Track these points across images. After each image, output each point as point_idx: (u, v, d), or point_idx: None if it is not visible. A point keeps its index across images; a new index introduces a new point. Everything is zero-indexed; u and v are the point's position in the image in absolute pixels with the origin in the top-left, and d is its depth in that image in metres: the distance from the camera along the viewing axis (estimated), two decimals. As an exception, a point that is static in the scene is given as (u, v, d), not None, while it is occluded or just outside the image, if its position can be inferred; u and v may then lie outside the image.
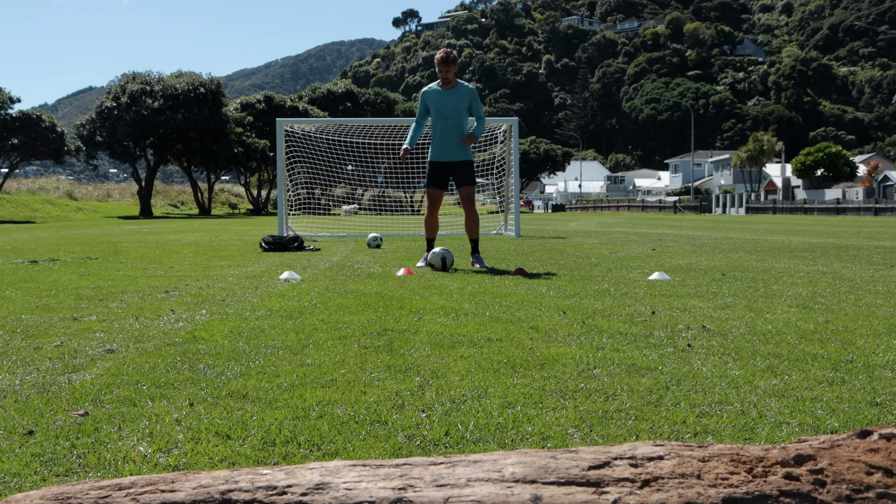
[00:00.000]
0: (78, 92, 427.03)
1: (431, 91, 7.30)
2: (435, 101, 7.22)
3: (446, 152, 7.23)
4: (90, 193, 53.50)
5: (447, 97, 7.19)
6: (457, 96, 7.18)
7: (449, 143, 7.21)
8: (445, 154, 7.23)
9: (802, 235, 14.52)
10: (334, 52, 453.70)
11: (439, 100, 7.20)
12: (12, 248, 11.12)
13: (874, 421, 2.21)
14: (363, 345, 3.34)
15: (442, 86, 7.25)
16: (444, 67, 7.11)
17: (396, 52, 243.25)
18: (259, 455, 1.94)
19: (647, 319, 4.00)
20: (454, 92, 7.20)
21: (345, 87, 63.04)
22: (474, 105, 7.24)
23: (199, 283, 5.90)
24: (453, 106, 7.15)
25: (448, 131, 7.18)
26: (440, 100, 7.20)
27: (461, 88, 7.21)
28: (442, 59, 7.11)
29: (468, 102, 7.19)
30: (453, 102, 7.16)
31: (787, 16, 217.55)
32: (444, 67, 7.11)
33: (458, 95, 7.18)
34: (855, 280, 6.00)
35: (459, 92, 7.20)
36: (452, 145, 7.21)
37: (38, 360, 3.08)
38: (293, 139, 16.74)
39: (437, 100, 7.21)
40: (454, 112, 7.15)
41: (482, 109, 7.32)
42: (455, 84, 7.23)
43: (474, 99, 7.23)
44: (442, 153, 7.24)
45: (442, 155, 7.24)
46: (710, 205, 56.91)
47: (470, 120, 7.39)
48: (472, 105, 7.23)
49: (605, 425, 2.17)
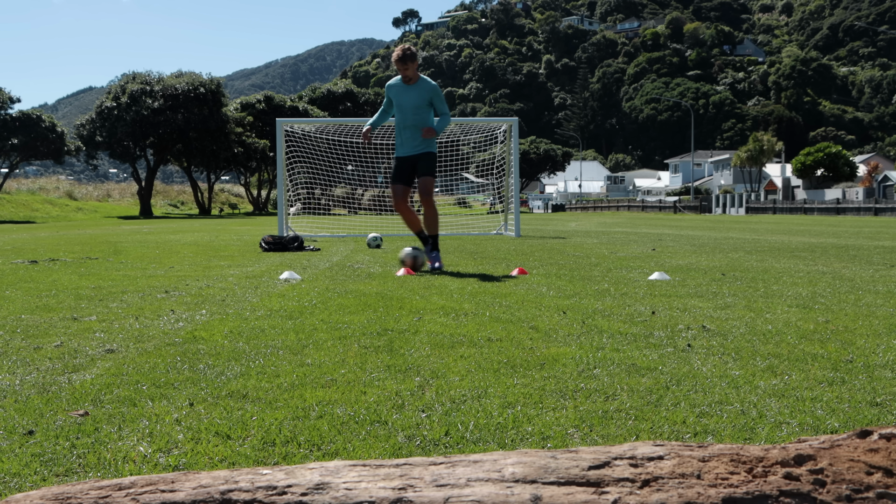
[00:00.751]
0: (78, 92, 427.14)
1: (394, 85, 7.24)
2: (396, 96, 7.19)
3: (405, 146, 7.22)
4: (90, 193, 53.51)
5: (408, 92, 7.13)
6: (417, 92, 7.10)
7: (409, 138, 7.19)
8: (405, 148, 7.22)
9: (802, 235, 14.52)
10: (334, 52, 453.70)
11: (400, 95, 7.16)
12: (12, 248, 11.12)
13: (874, 421, 2.21)
14: (363, 345, 3.34)
15: (403, 81, 7.18)
16: (402, 66, 7.00)
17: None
18: (259, 455, 1.94)
19: (647, 319, 4.00)
20: (415, 88, 7.12)
21: (345, 87, 63.05)
22: (436, 102, 7.15)
23: (199, 283, 5.90)
24: (413, 102, 7.09)
25: (408, 126, 7.16)
26: (400, 95, 7.16)
27: (422, 85, 7.12)
28: (398, 57, 7.02)
29: (429, 99, 7.12)
30: (413, 98, 7.09)
31: (787, 16, 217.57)
32: (401, 66, 7.01)
33: (419, 91, 7.10)
34: (855, 280, 6.00)
35: (420, 88, 7.11)
36: (413, 139, 7.18)
37: (38, 360, 3.08)
38: (293, 139, 16.74)
39: (398, 95, 7.17)
40: (414, 108, 7.11)
41: (446, 107, 7.22)
42: (416, 80, 7.14)
43: (436, 96, 7.13)
44: (402, 147, 7.24)
45: (402, 149, 7.24)
46: (710, 205, 56.91)
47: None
48: (433, 102, 7.14)
49: (605, 425, 2.17)
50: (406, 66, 7.03)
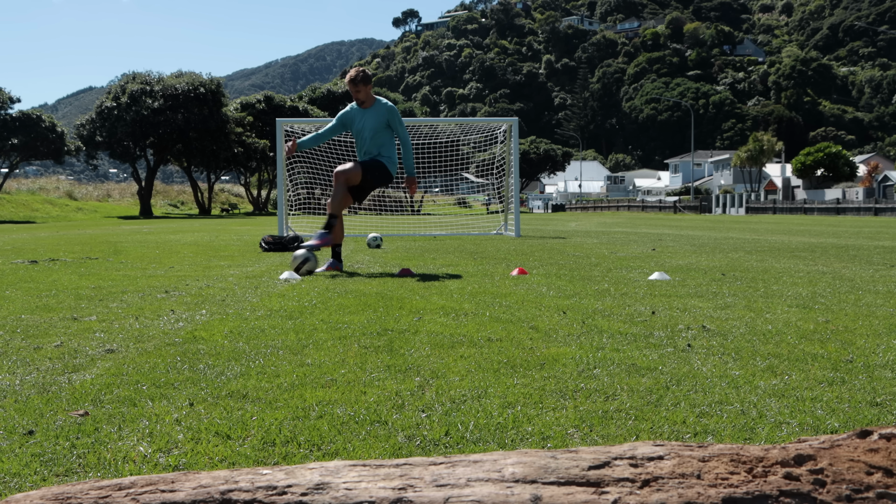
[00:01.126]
0: (78, 92, 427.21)
1: (350, 112, 7.01)
2: (353, 122, 6.97)
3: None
4: (90, 193, 53.50)
5: (363, 116, 6.91)
6: (374, 115, 6.88)
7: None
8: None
9: (802, 235, 14.52)
10: (334, 52, 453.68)
11: (357, 120, 6.94)
12: (12, 248, 11.12)
13: (874, 421, 2.21)
14: (363, 345, 3.34)
15: (358, 105, 6.96)
16: (353, 88, 6.80)
17: (396, 52, 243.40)
18: (259, 455, 1.94)
19: (647, 319, 4.00)
20: (371, 111, 6.90)
21: (345, 87, 63.03)
22: (394, 125, 6.92)
23: (199, 283, 5.90)
24: (371, 125, 6.87)
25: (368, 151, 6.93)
26: (357, 120, 6.94)
27: (379, 107, 6.89)
28: (351, 79, 6.81)
29: (386, 121, 6.87)
30: (371, 121, 6.87)
31: (787, 16, 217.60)
32: (353, 88, 6.81)
33: (376, 114, 6.87)
34: (855, 280, 6.00)
35: (377, 111, 6.88)
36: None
37: (38, 360, 3.08)
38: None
39: (355, 120, 6.95)
40: (372, 131, 6.86)
41: (405, 129, 7.00)
42: (372, 103, 6.93)
43: (393, 118, 6.89)
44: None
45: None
46: (710, 205, 56.91)
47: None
48: (391, 124, 6.91)
49: (605, 425, 2.17)
50: (358, 89, 6.80)
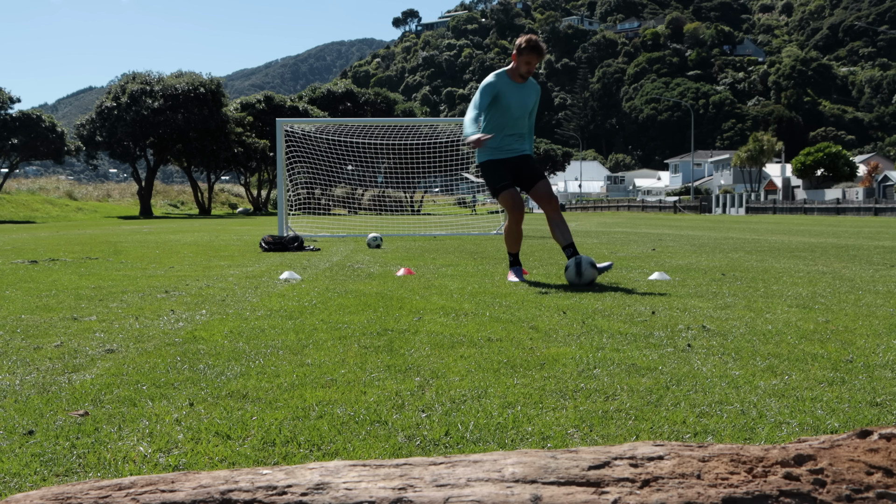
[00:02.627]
0: (78, 92, 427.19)
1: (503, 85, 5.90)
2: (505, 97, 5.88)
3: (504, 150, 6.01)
4: (90, 193, 53.46)
5: (521, 92, 5.93)
6: (534, 91, 6.00)
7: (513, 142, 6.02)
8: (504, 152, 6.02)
9: (802, 235, 14.52)
10: (334, 52, 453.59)
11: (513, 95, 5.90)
12: (12, 248, 11.12)
13: (874, 421, 2.21)
14: (363, 345, 3.34)
15: (514, 79, 5.94)
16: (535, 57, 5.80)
17: (396, 52, 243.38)
18: (259, 455, 1.94)
19: (647, 319, 4.00)
20: (531, 87, 5.98)
21: (345, 87, 63.01)
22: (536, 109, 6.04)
23: (199, 283, 5.90)
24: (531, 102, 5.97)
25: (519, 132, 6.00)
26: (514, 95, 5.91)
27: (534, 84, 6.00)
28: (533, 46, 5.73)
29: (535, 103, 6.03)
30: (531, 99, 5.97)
31: (787, 16, 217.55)
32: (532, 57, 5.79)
33: (536, 92, 6.02)
34: (855, 280, 6.00)
35: (535, 88, 6.02)
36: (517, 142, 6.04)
37: (38, 360, 3.08)
38: (293, 139, 16.74)
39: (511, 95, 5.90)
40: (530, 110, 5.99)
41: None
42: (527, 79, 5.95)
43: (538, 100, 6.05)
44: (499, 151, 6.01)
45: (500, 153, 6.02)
46: (710, 205, 56.90)
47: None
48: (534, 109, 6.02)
49: (605, 425, 2.17)
50: (538, 61, 5.77)
